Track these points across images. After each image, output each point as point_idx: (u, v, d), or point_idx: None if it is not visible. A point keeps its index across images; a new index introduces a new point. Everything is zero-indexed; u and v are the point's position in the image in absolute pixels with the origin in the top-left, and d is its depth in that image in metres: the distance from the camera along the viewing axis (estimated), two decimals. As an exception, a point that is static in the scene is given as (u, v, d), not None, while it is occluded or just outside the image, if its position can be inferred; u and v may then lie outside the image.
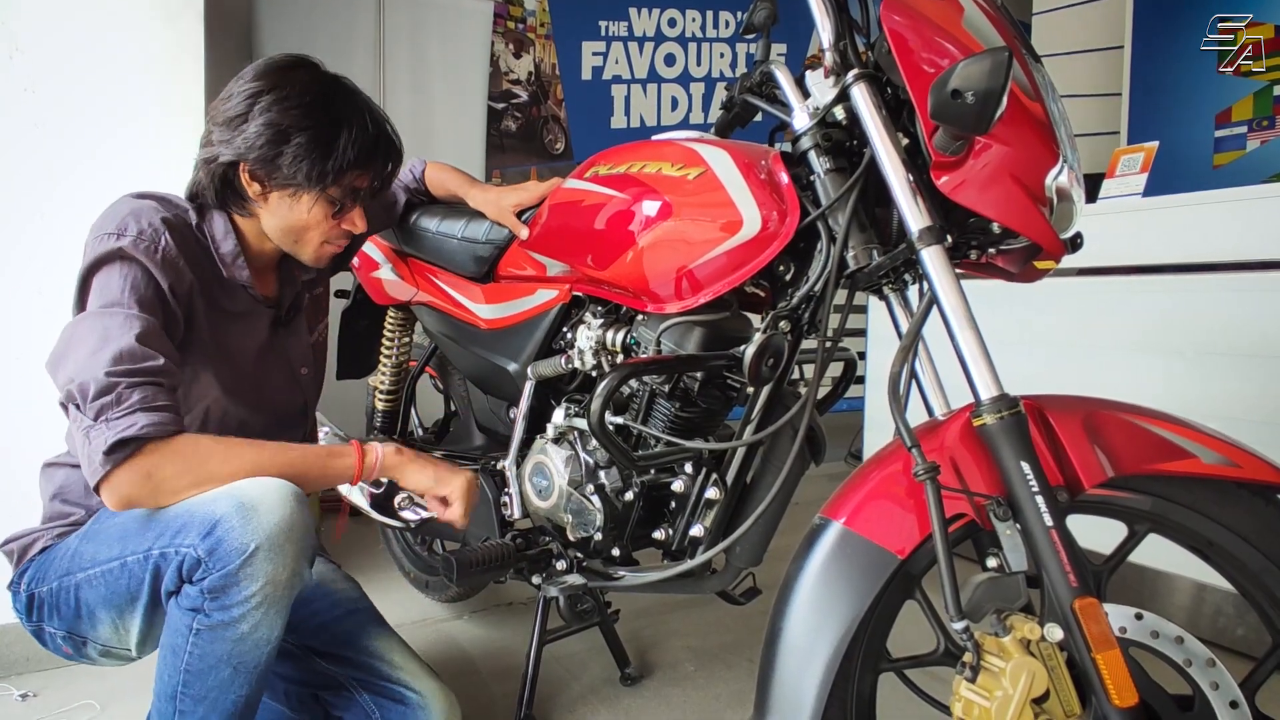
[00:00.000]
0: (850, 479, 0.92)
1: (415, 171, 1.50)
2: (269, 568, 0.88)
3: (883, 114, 0.93)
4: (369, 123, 1.05)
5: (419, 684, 1.13)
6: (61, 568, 1.00)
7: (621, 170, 1.12)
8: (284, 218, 1.06)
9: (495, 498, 1.32)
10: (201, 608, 0.89)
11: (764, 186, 1.01)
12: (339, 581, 1.24)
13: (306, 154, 1.00)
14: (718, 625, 1.79)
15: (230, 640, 0.90)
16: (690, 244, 1.03)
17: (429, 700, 1.12)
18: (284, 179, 1.02)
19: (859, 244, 0.97)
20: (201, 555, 0.88)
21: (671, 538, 1.18)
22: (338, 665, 1.15)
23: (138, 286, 0.95)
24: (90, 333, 0.91)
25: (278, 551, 0.88)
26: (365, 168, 1.06)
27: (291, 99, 1.00)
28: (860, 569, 0.84)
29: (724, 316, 1.10)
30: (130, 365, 0.89)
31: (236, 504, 0.88)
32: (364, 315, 1.85)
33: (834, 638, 0.83)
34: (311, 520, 0.94)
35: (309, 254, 1.11)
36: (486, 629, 1.78)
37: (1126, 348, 1.83)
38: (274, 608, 0.90)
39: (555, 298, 1.27)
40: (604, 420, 0.97)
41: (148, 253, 0.96)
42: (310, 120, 1.00)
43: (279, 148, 1.00)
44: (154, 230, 0.98)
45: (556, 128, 3.32)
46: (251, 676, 0.93)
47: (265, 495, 0.90)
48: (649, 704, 1.47)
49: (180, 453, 0.90)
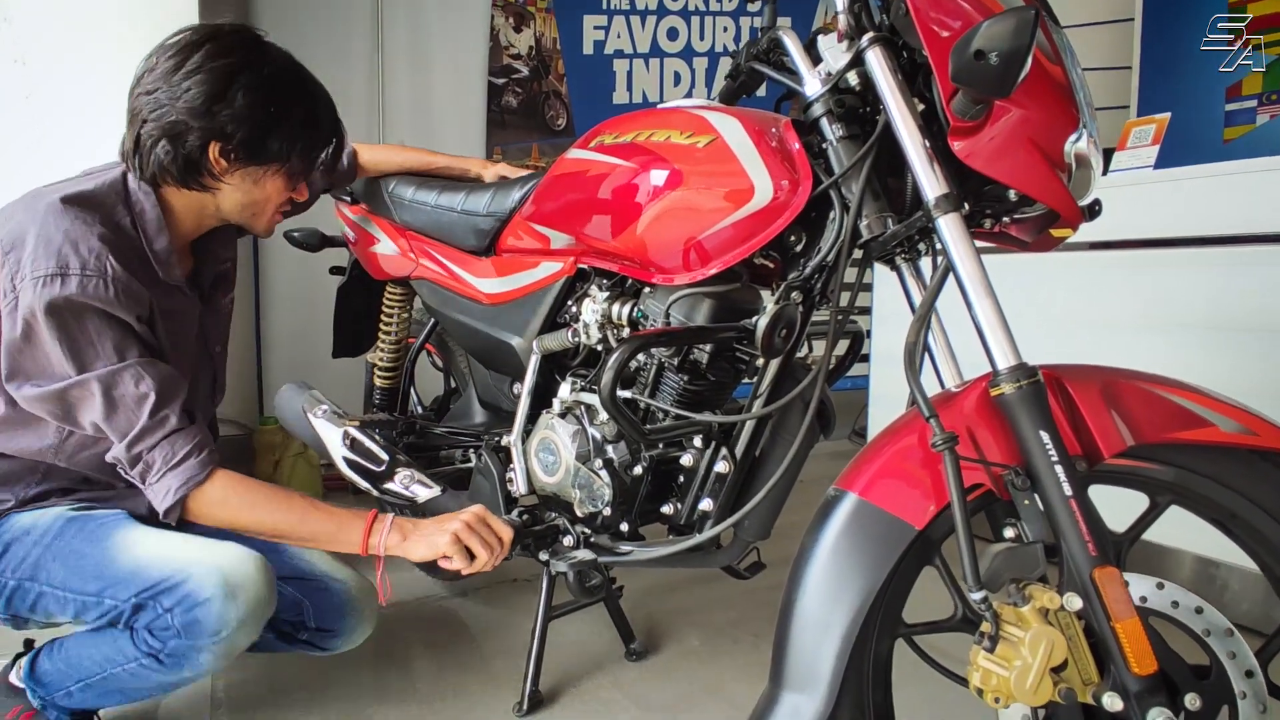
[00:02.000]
0: (865, 450, 0.90)
1: (347, 161, 1.50)
2: (230, 648, 1.01)
3: (898, 78, 0.91)
4: (327, 100, 1.11)
5: (336, 572, 1.22)
6: (19, 569, 1.05)
7: (628, 139, 1.10)
8: (248, 193, 1.07)
9: (500, 474, 1.31)
10: (158, 655, 1.01)
11: (775, 154, 0.99)
12: None
13: (300, 133, 1.05)
14: (723, 600, 1.79)
15: (170, 677, 1.03)
16: (700, 214, 1.00)
17: (347, 585, 1.22)
18: (261, 157, 1.03)
19: (873, 212, 0.95)
20: (177, 626, 0.99)
21: (680, 512, 1.17)
22: None
23: (104, 330, 0.97)
24: (88, 398, 0.97)
25: (246, 630, 1.01)
26: (330, 142, 1.13)
27: (273, 77, 1.02)
28: (877, 540, 0.83)
29: (734, 288, 1.08)
30: (144, 427, 0.98)
31: (221, 587, 0.98)
32: (360, 292, 1.83)
33: (851, 608, 0.82)
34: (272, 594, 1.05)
35: (264, 225, 1.15)
36: (490, 606, 1.78)
37: (1136, 322, 1.81)
38: (216, 665, 1.03)
39: (560, 270, 1.25)
40: (615, 394, 0.96)
41: (99, 294, 0.95)
42: (294, 99, 1.04)
43: (269, 128, 1.02)
44: (98, 260, 0.96)
45: (558, 103, 3.28)
46: (160, 694, 1.09)
47: (248, 578, 1.01)
48: (655, 679, 1.47)
49: (213, 504, 1.03)
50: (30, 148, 1.50)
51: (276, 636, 1.22)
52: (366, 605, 1.23)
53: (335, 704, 1.37)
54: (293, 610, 1.21)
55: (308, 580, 1.22)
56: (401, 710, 1.35)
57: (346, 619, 1.21)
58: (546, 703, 1.37)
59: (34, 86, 1.48)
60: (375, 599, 1.23)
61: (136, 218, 1.04)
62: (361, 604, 1.23)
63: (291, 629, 1.22)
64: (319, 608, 1.21)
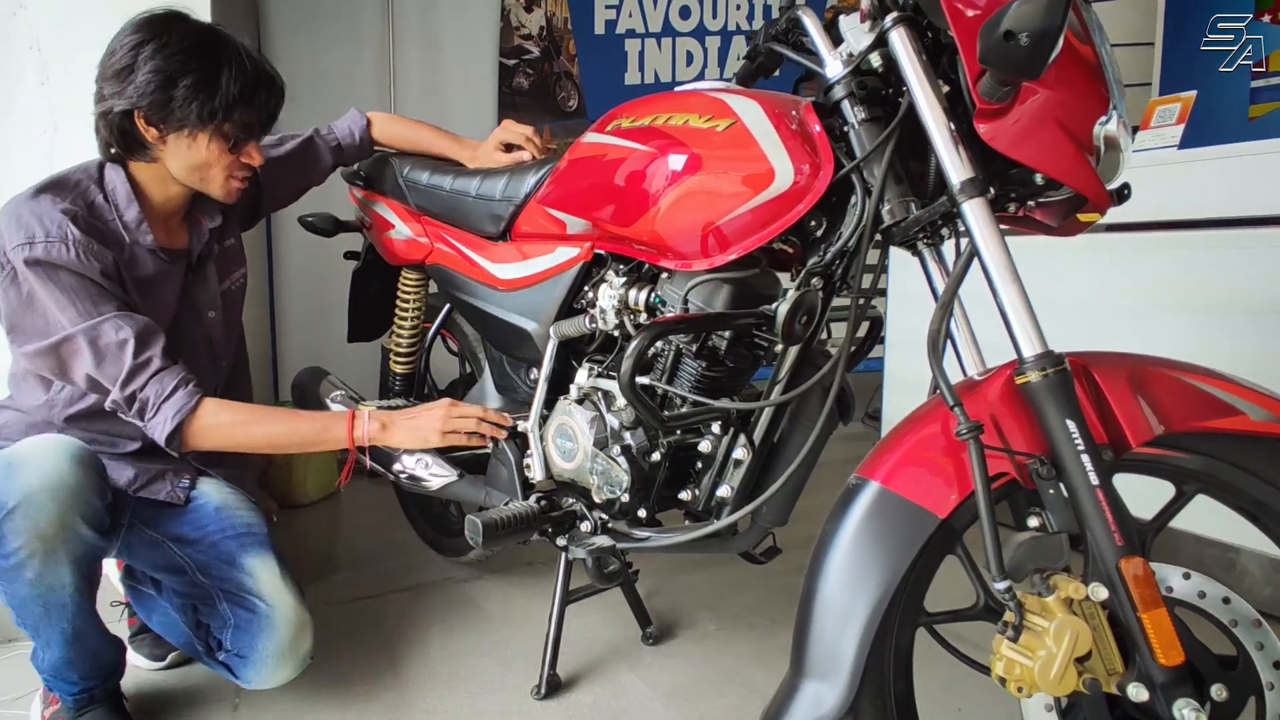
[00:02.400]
0: (886, 438, 0.90)
1: (357, 131, 1.54)
2: (28, 523, 0.99)
3: (922, 59, 0.89)
4: (246, 61, 1.16)
5: (271, 597, 1.19)
6: None
7: (646, 123, 1.08)
8: (185, 158, 1.16)
9: (517, 460, 1.31)
10: None
11: (796, 138, 0.97)
12: (241, 510, 1.30)
13: (194, 95, 1.11)
14: (738, 584, 1.80)
15: (26, 584, 1.03)
16: (719, 199, 0.99)
17: (275, 610, 1.18)
18: (177, 120, 1.12)
19: (895, 197, 0.94)
20: None
21: (698, 498, 1.17)
22: (210, 579, 1.23)
23: (80, 289, 1.08)
24: (78, 352, 1.08)
25: (37, 508, 0.99)
26: (250, 101, 1.16)
27: (173, 45, 1.10)
28: (900, 528, 0.83)
29: (753, 274, 1.07)
30: (133, 368, 1.08)
31: (4, 463, 1.01)
32: (375, 276, 1.83)
33: (874, 597, 0.82)
34: (89, 480, 1.04)
35: (218, 189, 1.21)
36: (506, 589, 1.79)
37: (1161, 306, 1.78)
38: (49, 559, 1.01)
39: (576, 256, 1.24)
40: (635, 381, 0.95)
41: (61, 253, 1.08)
42: (194, 63, 1.11)
43: (168, 92, 1.10)
44: (59, 227, 1.08)
45: (569, 84, 3.25)
46: (65, 614, 1.06)
47: (33, 456, 1.02)
48: (672, 663, 1.48)
49: (209, 427, 1.13)
50: (44, 131, 1.50)
51: (204, 650, 1.23)
52: (291, 640, 1.18)
53: (354, 687, 1.38)
54: (220, 626, 1.21)
55: (239, 595, 1.20)
56: (421, 693, 1.37)
57: (260, 648, 1.17)
58: (564, 686, 1.38)
59: (49, 72, 1.48)
60: (308, 639, 1.21)
61: (109, 194, 1.17)
62: (282, 635, 1.17)
63: (216, 646, 1.22)
64: (238, 628, 1.19)
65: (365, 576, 1.86)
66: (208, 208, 1.31)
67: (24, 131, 1.49)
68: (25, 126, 1.49)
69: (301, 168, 1.52)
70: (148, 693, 1.38)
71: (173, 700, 1.36)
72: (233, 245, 1.39)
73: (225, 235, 1.38)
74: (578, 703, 1.34)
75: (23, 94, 1.48)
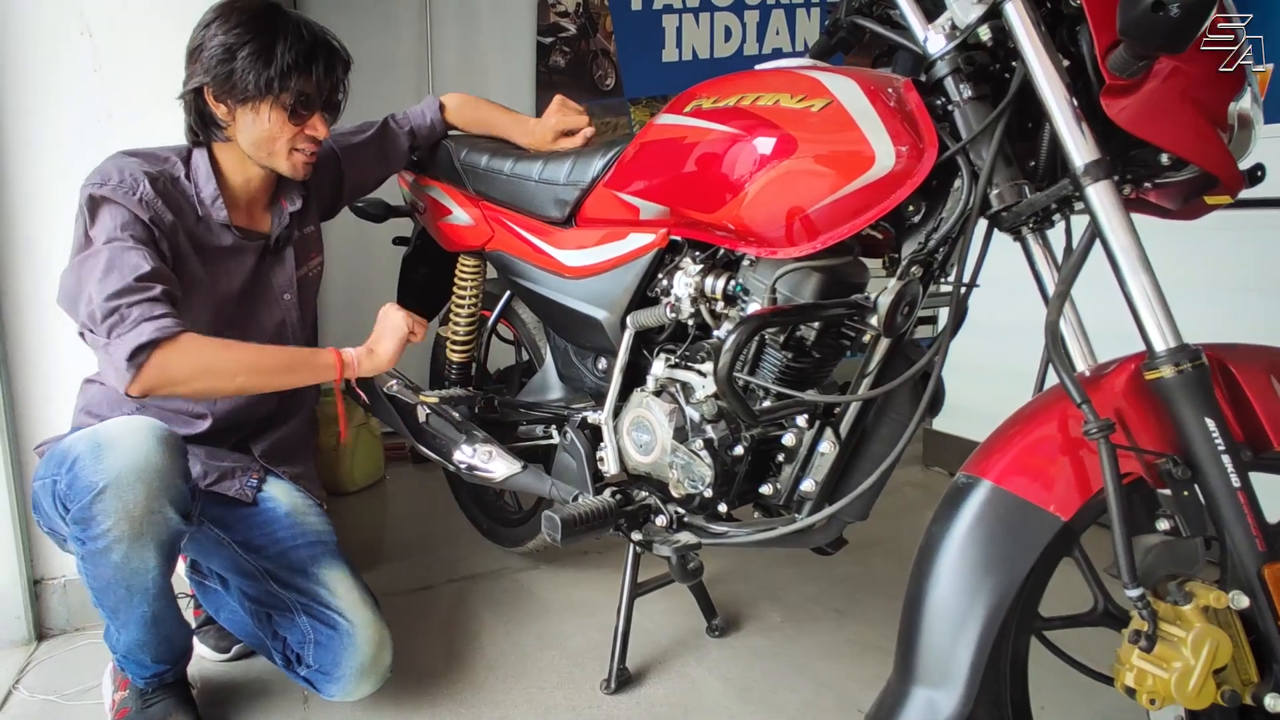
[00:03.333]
0: (996, 435, 0.85)
1: (430, 114, 1.54)
2: (118, 505, 0.98)
3: (1041, 31, 0.83)
4: (304, 31, 1.19)
5: (351, 613, 1.19)
6: (37, 473, 1.15)
7: (731, 103, 1.03)
8: (250, 132, 1.20)
9: (587, 452, 1.28)
10: (79, 537, 1.02)
11: (897, 118, 0.92)
12: (310, 516, 1.31)
13: (252, 64, 1.14)
14: (800, 575, 1.77)
15: (111, 566, 1.02)
16: (814, 183, 0.94)
17: (356, 628, 1.18)
18: (240, 93, 1.16)
19: (1004, 180, 0.89)
20: (64, 489, 1.01)
21: (779, 492, 1.13)
22: (286, 589, 1.23)
23: (128, 224, 1.11)
24: (95, 267, 1.07)
25: (127, 490, 0.98)
26: (307, 70, 1.18)
27: (232, 20, 1.15)
28: (1018, 531, 0.79)
29: (845, 261, 1.02)
30: (128, 285, 1.05)
31: (92, 443, 1.00)
32: (424, 262, 1.80)
33: (992, 602, 0.78)
34: (173, 463, 1.03)
35: (284, 163, 1.24)
36: (562, 579, 1.78)
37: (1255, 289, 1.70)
38: (136, 541, 1.01)
39: (651, 242, 1.20)
40: (733, 376, 0.91)
41: (127, 196, 1.12)
42: (250, 34, 1.15)
43: (230, 64, 1.15)
44: (133, 178, 1.14)
45: (606, 62, 3.18)
46: (146, 597, 1.06)
47: (122, 436, 1.01)
48: (739, 656, 1.45)
49: (186, 350, 1.07)
50: (98, 118, 1.48)
51: (283, 661, 1.23)
52: (372, 657, 1.17)
53: (420, 682, 1.37)
54: (299, 640, 1.20)
55: (317, 609, 1.19)
56: (489, 688, 1.36)
57: (343, 665, 1.16)
58: (634, 680, 1.36)
59: (101, 59, 1.46)
60: (388, 653, 1.20)
61: (191, 171, 1.23)
62: (364, 654, 1.17)
63: (296, 659, 1.21)
64: (319, 644, 1.18)
65: (418, 566, 1.85)
66: (290, 192, 1.34)
67: (76, 119, 1.47)
68: (77, 114, 1.47)
69: (381, 155, 1.53)
70: (214, 683, 1.38)
71: (240, 692, 1.36)
72: (312, 233, 1.42)
73: (305, 222, 1.40)
74: (649, 697, 1.32)
75: (75, 81, 1.46)
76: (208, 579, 1.34)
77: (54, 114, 1.45)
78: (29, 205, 1.44)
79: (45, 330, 1.47)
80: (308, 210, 1.39)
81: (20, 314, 1.45)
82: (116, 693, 1.23)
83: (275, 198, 1.33)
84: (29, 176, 1.44)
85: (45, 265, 1.45)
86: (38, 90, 1.43)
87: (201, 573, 1.34)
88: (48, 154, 1.45)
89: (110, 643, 1.16)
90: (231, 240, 1.26)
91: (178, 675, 1.22)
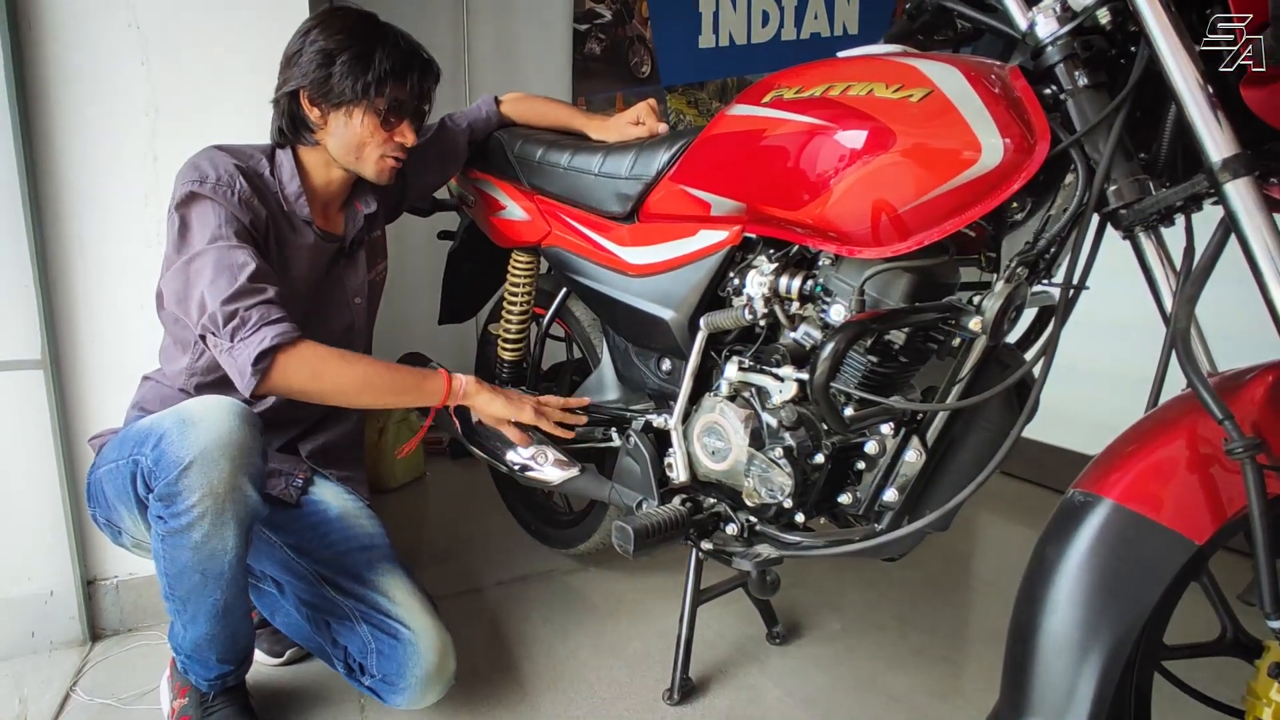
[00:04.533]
0: (1115, 449, 0.80)
1: (485, 109, 1.54)
2: (204, 480, 0.98)
3: (1172, 13, 0.77)
4: (400, 41, 1.20)
5: (413, 621, 1.17)
6: (98, 462, 1.18)
7: (817, 93, 0.97)
8: (342, 136, 1.21)
9: (653, 457, 1.23)
10: (161, 515, 1.01)
11: (1005, 108, 0.86)
12: (362, 519, 1.29)
13: (350, 70, 1.16)
14: (858, 580, 1.72)
15: (189, 548, 1.01)
16: (913, 179, 0.89)
17: (419, 637, 1.15)
18: (336, 96, 1.17)
19: (1124, 175, 0.83)
20: (150, 465, 1.01)
21: (859, 501, 1.08)
22: (343, 596, 1.21)
23: (230, 221, 1.12)
24: (203, 269, 1.08)
25: (212, 465, 0.98)
26: (402, 79, 1.19)
27: (334, 27, 1.18)
28: (1147, 555, 0.73)
29: (940, 261, 0.96)
30: (243, 287, 1.07)
31: (178, 420, 1.00)
32: (469, 258, 1.76)
33: (1117, 632, 0.73)
34: (254, 441, 1.02)
35: (370, 168, 1.24)
36: (614, 582, 1.74)
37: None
38: (219, 518, 1.00)
39: (723, 240, 1.15)
40: (830, 385, 0.86)
41: (225, 195, 1.13)
42: (350, 41, 1.16)
43: (328, 69, 1.16)
44: (230, 175, 1.15)
45: (642, 49, 3.10)
46: (220, 583, 1.05)
47: (206, 413, 1.01)
48: (801, 665, 1.41)
49: (305, 357, 1.10)
50: (145, 112, 1.44)
51: (345, 670, 1.20)
52: (437, 665, 1.15)
53: (476, 689, 1.34)
54: (360, 650, 1.18)
55: (377, 617, 1.17)
56: (548, 696, 1.32)
57: (408, 675, 1.14)
58: (697, 691, 1.32)
59: (148, 52, 1.42)
60: (452, 660, 1.18)
61: (276, 168, 1.23)
62: (429, 662, 1.14)
63: (359, 669, 1.18)
64: (382, 654, 1.16)
65: (463, 568, 1.82)
66: (365, 195, 1.34)
67: (124, 113, 1.44)
68: (125, 107, 1.44)
69: (441, 157, 1.51)
70: (269, 688, 1.35)
71: (296, 699, 1.33)
72: (379, 237, 1.42)
73: (374, 226, 1.40)
74: (713, 708, 1.28)
75: (122, 74, 1.42)
76: (261, 582, 1.31)
77: (101, 107, 1.42)
78: (77, 201, 1.42)
79: (94, 327, 1.45)
80: (378, 215, 1.38)
81: (70, 311, 1.43)
82: (175, 700, 1.21)
83: (350, 200, 1.33)
84: (76, 171, 1.41)
85: (94, 262, 1.43)
86: (85, 82, 1.40)
87: (255, 575, 1.32)
88: (94, 148, 1.42)
89: (175, 641, 1.14)
90: (312, 238, 1.26)
91: (239, 679, 1.20)
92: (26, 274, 1.36)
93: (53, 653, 1.44)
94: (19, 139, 1.34)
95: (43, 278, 1.39)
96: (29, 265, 1.36)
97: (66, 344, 1.43)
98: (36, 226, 1.38)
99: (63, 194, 1.41)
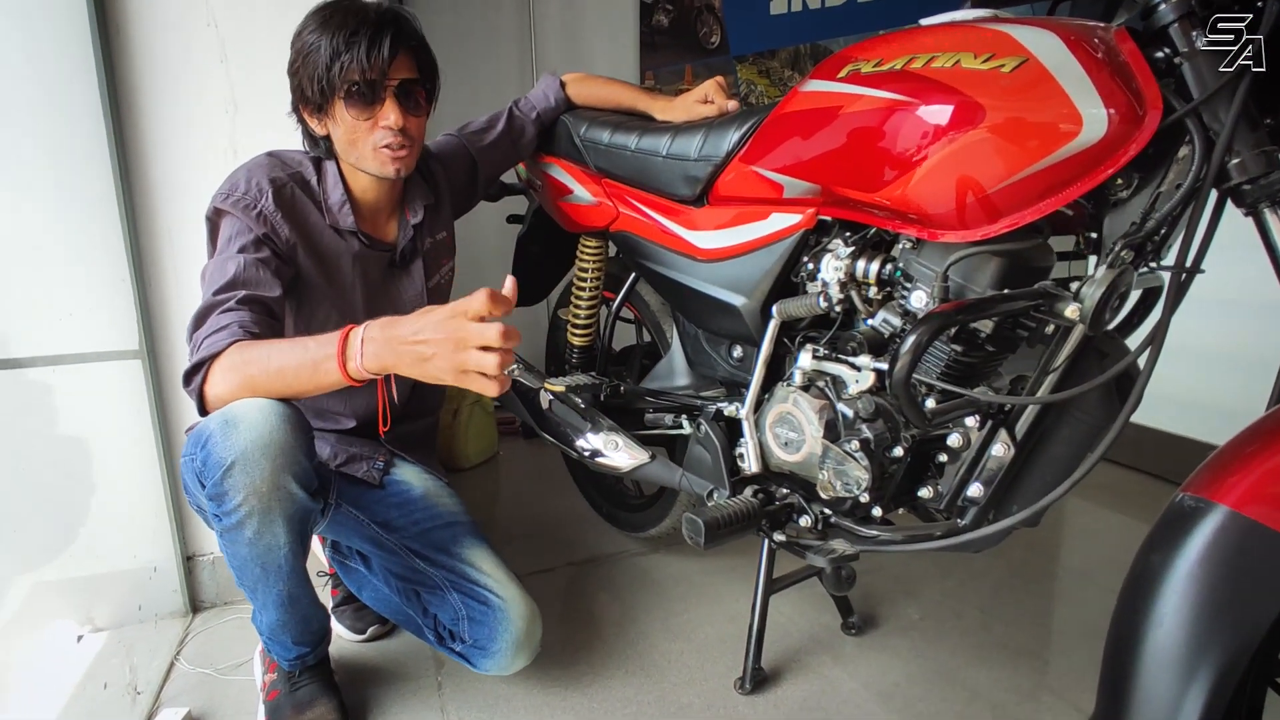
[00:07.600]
0: (1231, 451, 0.73)
1: (552, 94, 1.50)
2: (246, 480, 0.99)
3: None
4: (350, 20, 1.12)
5: (502, 590, 1.22)
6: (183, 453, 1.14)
7: (898, 66, 0.92)
8: (337, 138, 1.18)
9: (723, 446, 1.21)
10: (215, 513, 1.03)
11: (1109, 75, 0.79)
12: (444, 497, 1.35)
13: (307, 71, 1.13)
14: (936, 569, 1.66)
15: (244, 543, 1.03)
16: (1006, 156, 0.83)
17: (509, 604, 1.20)
18: (311, 101, 1.15)
19: (1248, 148, 0.75)
20: (200, 466, 1.02)
21: (940, 495, 1.04)
22: (433, 566, 1.26)
23: (240, 234, 1.11)
24: (203, 282, 1.10)
25: (253, 465, 0.98)
26: (351, 57, 1.11)
27: (298, 32, 1.15)
28: (1265, 569, 0.67)
29: (1033, 244, 0.90)
30: (208, 303, 1.05)
31: (222, 421, 0.99)
32: (537, 240, 1.76)
33: (1230, 647, 0.67)
34: (296, 439, 1.01)
35: (370, 162, 1.18)
36: (684, 565, 1.73)
37: None
38: (266, 516, 1.01)
39: (797, 223, 1.10)
40: (911, 378, 0.82)
41: (245, 210, 1.12)
42: (301, 41, 1.14)
43: (297, 78, 1.15)
44: (258, 188, 1.14)
45: (711, 19, 3.02)
46: (280, 575, 1.07)
47: (247, 414, 0.99)
48: (878, 656, 1.37)
49: (222, 366, 1.00)
50: (225, 110, 1.49)
51: (435, 637, 1.24)
52: (525, 631, 1.20)
53: (548, 670, 1.36)
54: (451, 618, 1.23)
55: (467, 586, 1.22)
56: (619, 679, 1.33)
57: (499, 640, 1.18)
58: (769, 681, 1.30)
59: (227, 50, 1.46)
60: (539, 627, 1.23)
61: (322, 178, 1.22)
62: (519, 628, 1.19)
63: (449, 636, 1.23)
64: (474, 620, 1.20)
65: (534, 547, 1.85)
66: (414, 202, 1.31)
67: (205, 110, 1.48)
68: (206, 105, 1.48)
69: (512, 146, 1.51)
70: (350, 664, 1.41)
71: (377, 674, 1.38)
72: (444, 238, 1.40)
73: (436, 228, 1.37)
74: (787, 699, 1.27)
75: (202, 72, 1.47)
76: (349, 559, 1.36)
77: (183, 105, 1.47)
78: (167, 196, 1.47)
79: (186, 318, 1.51)
80: (438, 217, 1.37)
81: (164, 301, 1.49)
82: (266, 674, 1.27)
83: (400, 209, 1.31)
84: (162, 167, 1.47)
85: (185, 255, 1.49)
86: (168, 80, 1.45)
87: (342, 553, 1.37)
88: (177, 145, 1.47)
89: (257, 624, 1.20)
90: (358, 247, 1.25)
91: (319, 658, 1.25)
92: (124, 269, 1.44)
93: (158, 624, 1.54)
94: (113, 141, 1.40)
95: (138, 272, 1.46)
96: (126, 260, 1.43)
97: (161, 335, 1.50)
98: (131, 224, 1.44)
99: (153, 191, 1.47)
